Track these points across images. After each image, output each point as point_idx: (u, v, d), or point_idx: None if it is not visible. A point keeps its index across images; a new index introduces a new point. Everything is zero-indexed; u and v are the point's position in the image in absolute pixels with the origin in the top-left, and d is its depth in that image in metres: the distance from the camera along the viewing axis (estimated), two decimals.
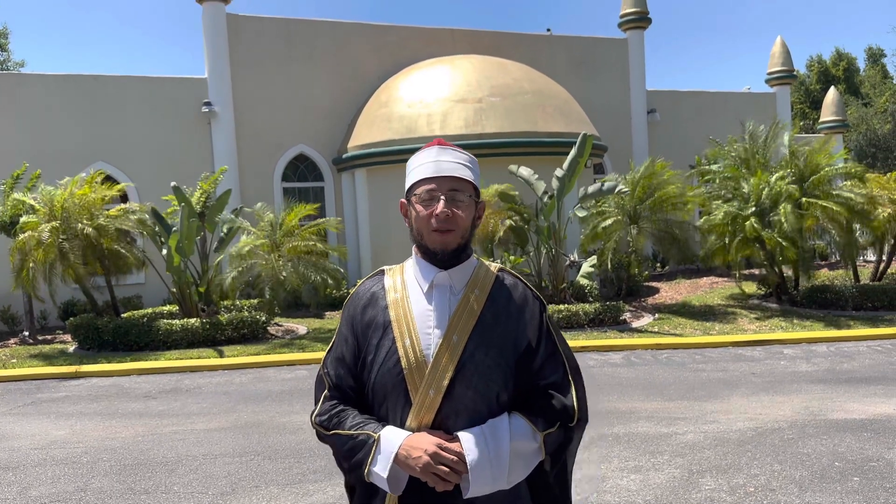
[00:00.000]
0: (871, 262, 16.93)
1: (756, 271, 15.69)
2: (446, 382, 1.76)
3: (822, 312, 12.09)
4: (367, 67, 17.04)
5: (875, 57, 43.86)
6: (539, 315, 1.90)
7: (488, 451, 1.72)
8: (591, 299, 12.63)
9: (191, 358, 10.29)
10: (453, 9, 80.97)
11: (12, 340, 12.69)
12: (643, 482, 4.92)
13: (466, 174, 1.84)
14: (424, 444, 1.71)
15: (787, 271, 13.34)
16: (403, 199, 1.90)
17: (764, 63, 31.50)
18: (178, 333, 11.01)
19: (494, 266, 1.94)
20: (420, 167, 1.85)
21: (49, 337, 13.02)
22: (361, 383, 1.87)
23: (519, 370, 1.83)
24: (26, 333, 12.69)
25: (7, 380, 9.67)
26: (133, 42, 76.53)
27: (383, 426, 1.79)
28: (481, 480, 1.71)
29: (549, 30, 19.46)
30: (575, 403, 1.84)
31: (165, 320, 11.33)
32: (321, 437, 1.88)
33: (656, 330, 11.22)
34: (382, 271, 1.98)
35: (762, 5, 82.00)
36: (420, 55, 17.31)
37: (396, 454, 1.72)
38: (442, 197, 1.79)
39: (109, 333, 11.07)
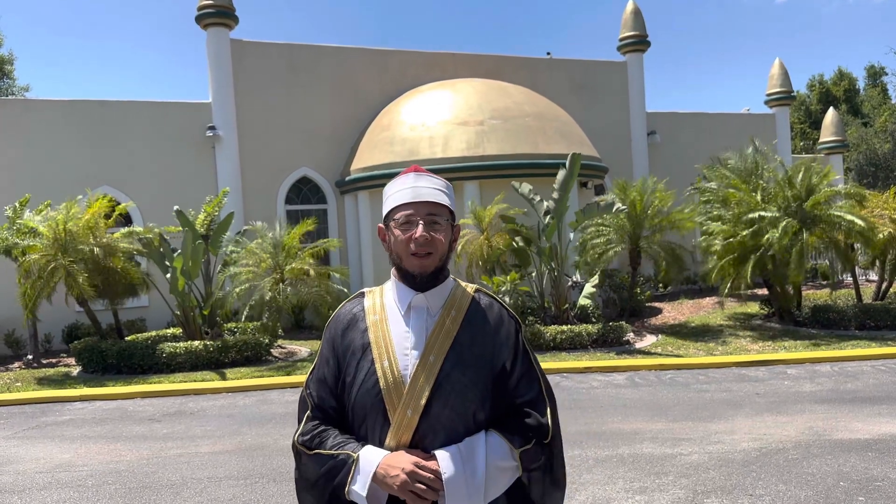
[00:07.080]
0: (873, 280, 16.92)
1: (759, 291, 15.69)
2: (423, 402, 1.80)
3: (825, 332, 12.09)
4: (370, 91, 17.22)
5: (876, 75, 44.15)
6: (515, 334, 1.94)
7: (464, 469, 1.76)
8: (593, 320, 12.64)
9: (194, 381, 10.31)
10: (455, 33, 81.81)
11: (16, 364, 12.71)
12: (648, 503, 4.92)
13: (443, 199, 1.89)
14: (402, 462, 1.75)
15: (790, 290, 13.33)
16: (381, 225, 1.95)
17: (763, 84, 31.60)
18: (181, 356, 11.04)
19: (471, 287, 1.99)
20: (398, 193, 1.90)
21: (53, 360, 13.04)
22: (342, 404, 1.92)
23: (495, 389, 1.87)
24: (30, 357, 12.72)
25: (11, 403, 9.69)
26: (138, 67, 77.31)
27: (362, 446, 1.83)
28: (457, 498, 1.74)
29: (549, 53, 19.68)
30: (549, 420, 1.88)
31: (169, 343, 11.36)
32: (300, 458, 1.91)
33: (659, 351, 11.22)
34: (363, 293, 2.03)
35: (762, 26, 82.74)
36: (422, 79, 17.51)
37: (375, 473, 1.76)
38: (420, 221, 1.83)
39: (113, 356, 11.10)
